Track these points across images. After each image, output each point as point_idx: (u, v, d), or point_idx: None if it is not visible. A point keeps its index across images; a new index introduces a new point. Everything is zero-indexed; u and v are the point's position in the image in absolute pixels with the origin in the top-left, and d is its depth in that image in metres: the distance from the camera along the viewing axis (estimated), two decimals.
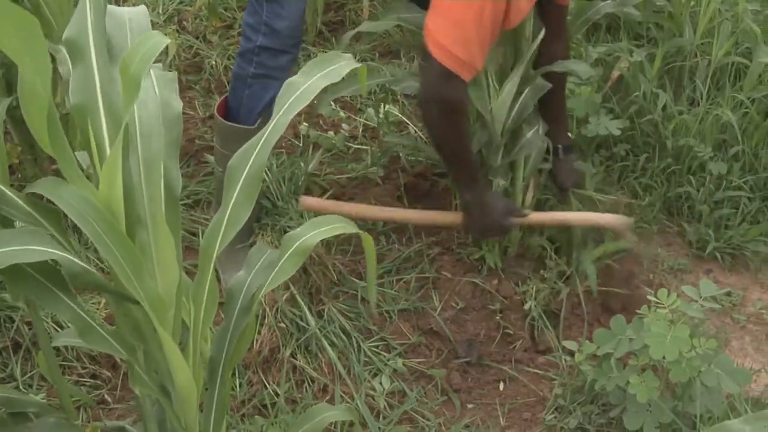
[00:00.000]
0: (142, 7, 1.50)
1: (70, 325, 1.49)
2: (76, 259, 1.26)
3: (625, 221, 2.52)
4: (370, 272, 1.69)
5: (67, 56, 1.38)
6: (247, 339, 1.54)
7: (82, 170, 1.32)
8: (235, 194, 1.44)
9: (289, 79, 1.48)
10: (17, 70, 1.22)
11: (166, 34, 3.44)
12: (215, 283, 1.47)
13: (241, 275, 1.59)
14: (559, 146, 2.67)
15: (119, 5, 3.76)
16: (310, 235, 1.48)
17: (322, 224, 1.51)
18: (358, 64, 1.52)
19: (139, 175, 1.35)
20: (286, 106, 1.44)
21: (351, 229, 1.51)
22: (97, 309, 2.42)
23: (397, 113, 3.21)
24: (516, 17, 2.20)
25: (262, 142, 1.44)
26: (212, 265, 1.44)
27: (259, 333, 2.36)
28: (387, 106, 3.13)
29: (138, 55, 1.21)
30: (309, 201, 2.51)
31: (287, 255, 1.48)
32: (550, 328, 2.53)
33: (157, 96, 1.42)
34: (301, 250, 1.47)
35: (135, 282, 1.29)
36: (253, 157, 1.43)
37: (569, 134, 2.75)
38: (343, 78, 1.50)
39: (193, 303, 1.46)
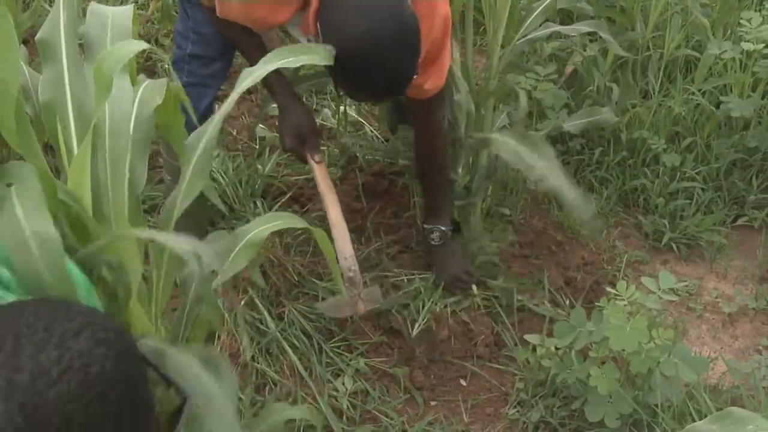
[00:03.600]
0: (129, 7, 1.49)
1: None
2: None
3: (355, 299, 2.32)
4: (332, 265, 1.72)
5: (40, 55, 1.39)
6: (201, 330, 1.54)
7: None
8: (190, 170, 1.45)
9: (246, 69, 1.51)
10: None
11: None
12: (172, 262, 1.48)
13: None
14: (426, 227, 2.58)
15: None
16: (260, 229, 1.50)
17: (272, 219, 1.52)
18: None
19: (105, 173, 1.34)
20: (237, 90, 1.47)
21: (300, 223, 1.53)
22: None
23: (353, 113, 3.20)
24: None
25: (213, 122, 1.46)
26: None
27: (219, 338, 2.34)
28: (344, 107, 3.11)
29: (112, 57, 1.21)
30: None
31: (239, 247, 1.49)
32: (511, 323, 2.54)
33: (132, 96, 1.41)
34: (252, 243, 1.49)
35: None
36: (206, 136, 1.44)
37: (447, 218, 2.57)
38: None
39: (154, 278, 1.46)
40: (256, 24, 2.18)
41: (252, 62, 2.30)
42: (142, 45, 1.28)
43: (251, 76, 1.50)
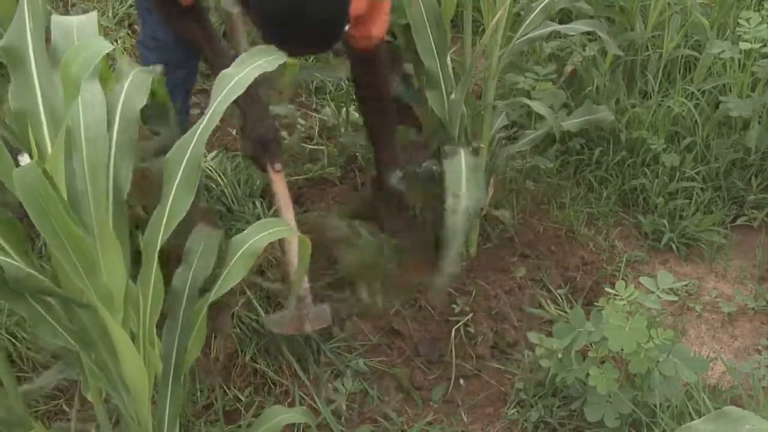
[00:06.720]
0: (92, 14, 1.48)
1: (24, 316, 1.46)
2: (21, 264, 1.25)
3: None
4: (300, 271, 1.73)
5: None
6: (199, 338, 1.53)
7: None
8: (175, 186, 1.43)
9: (223, 71, 1.47)
10: None
11: (117, 39, 3.39)
12: (160, 274, 1.46)
13: (181, 270, 1.60)
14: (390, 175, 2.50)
15: (68, 11, 3.68)
16: (256, 238, 1.49)
17: (268, 227, 1.52)
18: (287, 58, 1.50)
19: (84, 181, 1.33)
20: (220, 96, 1.42)
21: (292, 233, 1.53)
22: None
23: (353, 113, 3.20)
24: None
25: (198, 133, 1.44)
26: (156, 256, 1.44)
27: (216, 339, 2.34)
28: (345, 107, 3.11)
29: (78, 58, 1.20)
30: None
31: (235, 259, 1.48)
32: (510, 323, 2.54)
33: (103, 100, 1.40)
34: (249, 253, 1.47)
35: (86, 279, 1.28)
36: (191, 148, 1.42)
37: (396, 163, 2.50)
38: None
39: (140, 293, 1.45)
40: None
41: (204, 55, 2.26)
42: (108, 46, 1.26)
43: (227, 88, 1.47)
